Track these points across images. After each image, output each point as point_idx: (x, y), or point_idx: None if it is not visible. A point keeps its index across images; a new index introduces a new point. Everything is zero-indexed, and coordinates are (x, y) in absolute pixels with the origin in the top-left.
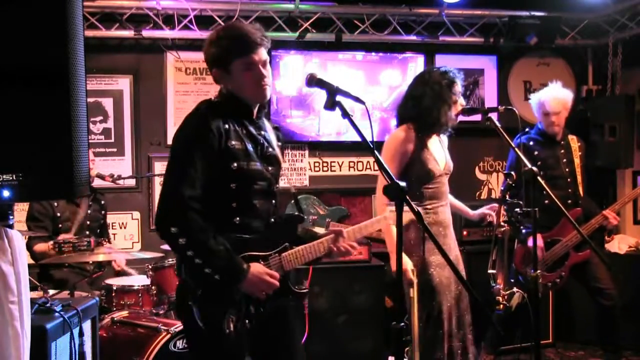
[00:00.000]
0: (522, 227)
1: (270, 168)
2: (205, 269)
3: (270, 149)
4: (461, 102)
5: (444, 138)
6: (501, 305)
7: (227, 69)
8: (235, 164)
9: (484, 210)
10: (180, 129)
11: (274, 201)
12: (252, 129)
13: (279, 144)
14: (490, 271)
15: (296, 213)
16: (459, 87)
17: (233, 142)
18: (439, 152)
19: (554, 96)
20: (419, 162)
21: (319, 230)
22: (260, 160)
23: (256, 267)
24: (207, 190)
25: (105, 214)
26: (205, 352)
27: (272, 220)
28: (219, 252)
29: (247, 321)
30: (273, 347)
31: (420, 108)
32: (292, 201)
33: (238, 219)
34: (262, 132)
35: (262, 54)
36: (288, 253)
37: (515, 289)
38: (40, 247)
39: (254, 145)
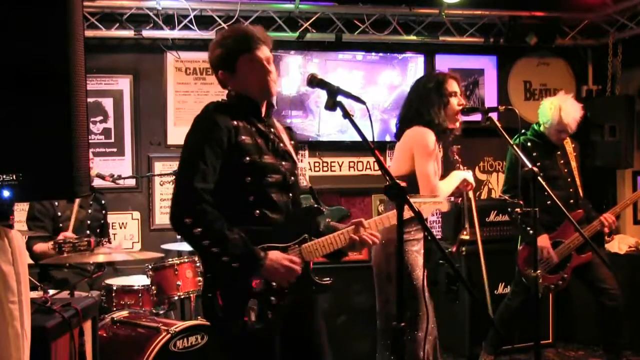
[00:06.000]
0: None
1: (283, 163)
2: (222, 257)
3: (282, 144)
4: (460, 101)
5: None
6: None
7: (232, 68)
8: (248, 158)
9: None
10: (190, 130)
11: (291, 194)
12: (261, 126)
13: (292, 142)
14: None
15: (315, 205)
16: (452, 87)
17: (243, 137)
18: None
19: (575, 117)
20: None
21: (339, 225)
22: (273, 155)
23: (275, 254)
24: (224, 186)
25: (105, 213)
26: (229, 345)
27: (291, 212)
28: (234, 240)
29: (268, 312)
30: (300, 345)
31: (415, 113)
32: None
33: (257, 212)
34: (272, 130)
35: (265, 51)
36: (308, 244)
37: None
38: (40, 247)
39: (264, 140)
